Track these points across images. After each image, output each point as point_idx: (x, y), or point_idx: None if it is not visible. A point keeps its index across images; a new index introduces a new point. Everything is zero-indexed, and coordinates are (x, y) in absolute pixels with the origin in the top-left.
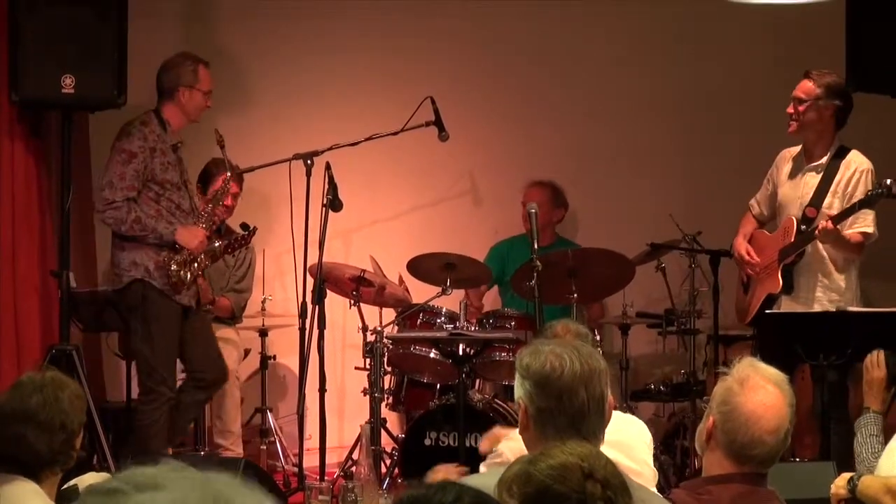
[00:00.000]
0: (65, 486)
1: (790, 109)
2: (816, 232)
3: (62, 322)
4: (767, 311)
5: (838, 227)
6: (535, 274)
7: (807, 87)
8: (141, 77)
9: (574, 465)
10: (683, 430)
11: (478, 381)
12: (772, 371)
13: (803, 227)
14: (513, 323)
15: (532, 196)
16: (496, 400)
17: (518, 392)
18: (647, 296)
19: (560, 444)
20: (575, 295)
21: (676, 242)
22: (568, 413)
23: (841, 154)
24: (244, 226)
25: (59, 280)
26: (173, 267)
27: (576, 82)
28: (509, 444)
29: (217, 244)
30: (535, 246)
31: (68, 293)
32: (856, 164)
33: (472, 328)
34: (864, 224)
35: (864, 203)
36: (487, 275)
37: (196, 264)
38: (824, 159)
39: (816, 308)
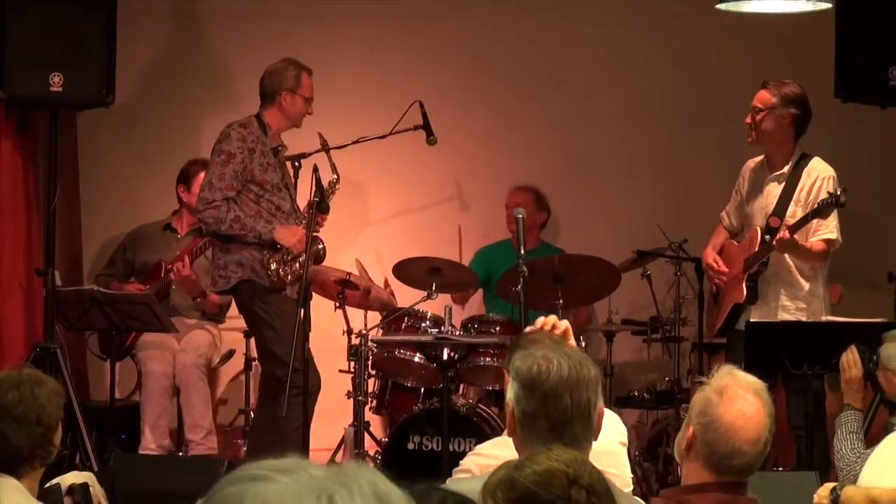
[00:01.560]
0: (47, 486)
1: (748, 120)
2: (774, 242)
3: (47, 320)
4: (751, 321)
5: (798, 235)
6: (521, 279)
7: (763, 97)
8: (129, 76)
9: (559, 472)
10: (667, 437)
11: (462, 385)
12: (751, 380)
13: (767, 236)
14: (497, 328)
15: (516, 200)
16: (480, 405)
17: (508, 394)
18: (632, 303)
19: (546, 450)
20: (560, 301)
21: (662, 250)
22: (550, 417)
23: (803, 162)
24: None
25: (45, 278)
26: (272, 266)
27: (564, 90)
28: (476, 460)
29: (321, 246)
30: (522, 251)
31: (53, 292)
32: (817, 172)
33: (457, 333)
34: (826, 231)
35: (815, 213)
36: (473, 279)
37: (297, 264)
38: (786, 168)
39: (785, 317)
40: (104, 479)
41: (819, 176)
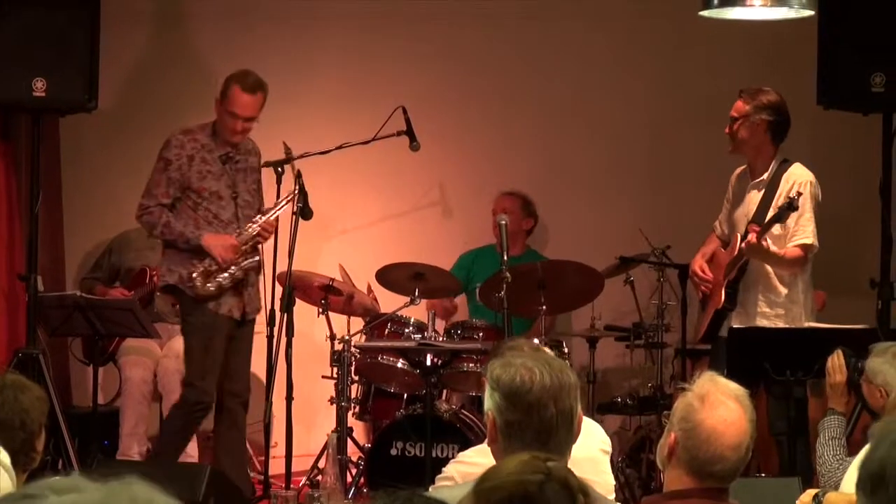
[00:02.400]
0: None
1: (727, 130)
2: (742, 247)
3: (29, 326)
4: (734, 327)
5: (776, 240)
6: (504, 285)
7: (738, 106)
8: (112, 81)
9: (529, 458)
10: (649, 443)
11: (445, 391)
12: (732, 386)
13: (742, 243)
14: (481, 334)
15: (502, 205)
16: (463, 410)
17: (487, 404)
18: (615, 309)
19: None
20: (544, 307)
21: (645, 256)
22: (536, 427)
23: (782, 168)
24: None
25: (27, 284)
26: (194, 274)
27: (547, 96)
28: (458, 467)
29: (257, 258)
30: (505, 257)
31: (36, 297)
32: (794, 178)
33: (440, 338)
34: (802, 237)
35: (775, 218)
36: (456, 285)
37: (227, 274)
38: (765, 175)
39: (764, 323)
40: None
41: (797, 181)
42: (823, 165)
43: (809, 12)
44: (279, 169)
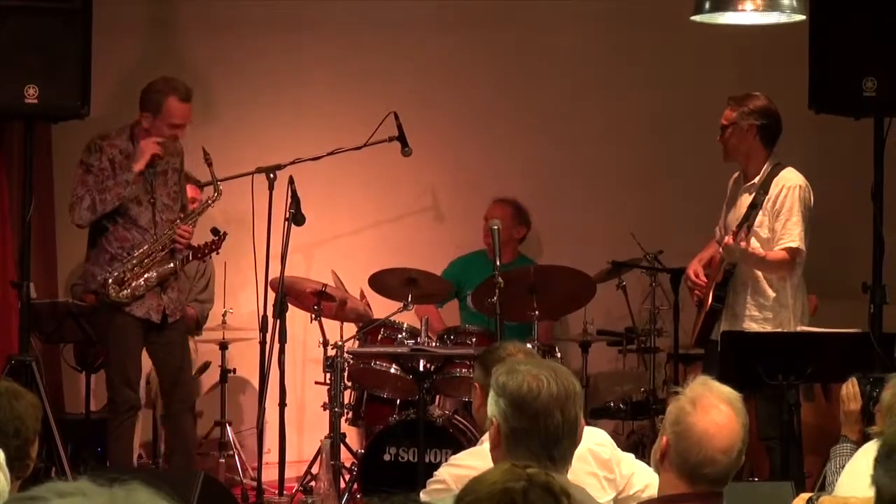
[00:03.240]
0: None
1: (718, 139)
2: (720, 249)
3: (22, 333)
4: (726, 330)
5: (763, 242)
6: (496, 290)
7: (726, 114)
8: (104, 88)
9: (508, 467)
10: (642, 448)
11: (438, 397)
12: (725, 390)
13: None
14: (474, 339)
15: (494, 213)
16: (456, 416)
17: (491, 409)
18: (607, 313)
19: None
20: (536, 312)
21: (637, 261)
22: (542, 435)
23: (774, 172)
24: (214, 230)
25: (20, 291)
26: (109, 280)
27: (539, 101)
28: (451, 470)
29: (171, 265)
30: (498, 262)
31: (28, 304)
32: (783, 182)
33: (433, 344)
34: (788, 240)
35: (744, 219)
36: (449, 290)
37: (141, 281)
38: (756, 179)
39: (752, 326)
40: None
41: (785, 185)
42: (816, 169)
43: (801, 17)
44: (271, 175)
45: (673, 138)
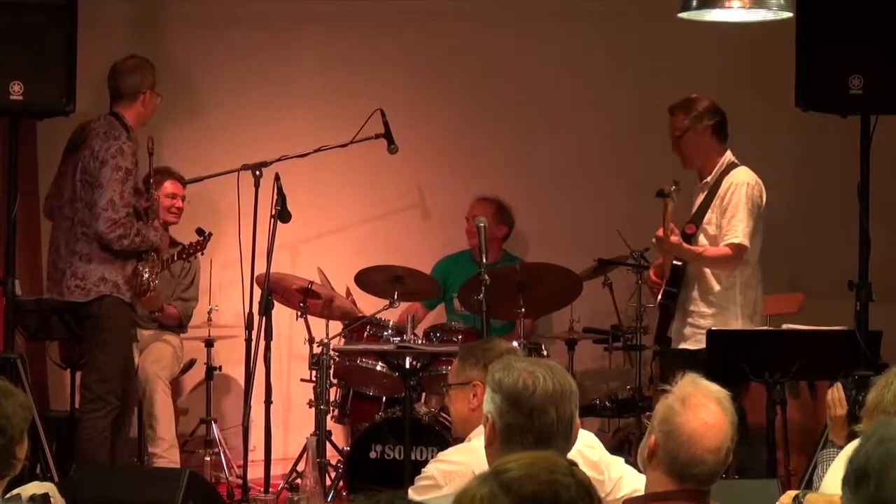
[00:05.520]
0: (7, 496)
1: (673, 150)
2: (652, 242)
3: (7, 330)
4: (713, 329)
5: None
6: (482, 288)
7: (675, 124)
8: (89, 85)
9: (551, 455)
10: (629, 445)
11: (424, 394)
12: (714, 388)
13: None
14: (460, 336)
15: (475, 211)
16: (442, 413)
17: (487, 406)
18: (593, 311)
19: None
20: (522, 310)
21: (623, 258)
22: (536, 432)
23: (728, 170)
24: (199, 231)
25: (5, 288)
26: (146, 275)
27: (525, 99)
28: (439, 466)
29: (166, 256)
30: (484, 259)
31: (13, 301)
32: (732, 179)
33: (419, 341)
34: (732, 236)
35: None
36: (435, 288)
37: (157, 271)
38: (710, 178)
39: (699, 322)
40: (65, 491)
41: (734, 182)
42: (802, 168)
43: (788, 14)
44: (257, 172)
45: (660, 136)
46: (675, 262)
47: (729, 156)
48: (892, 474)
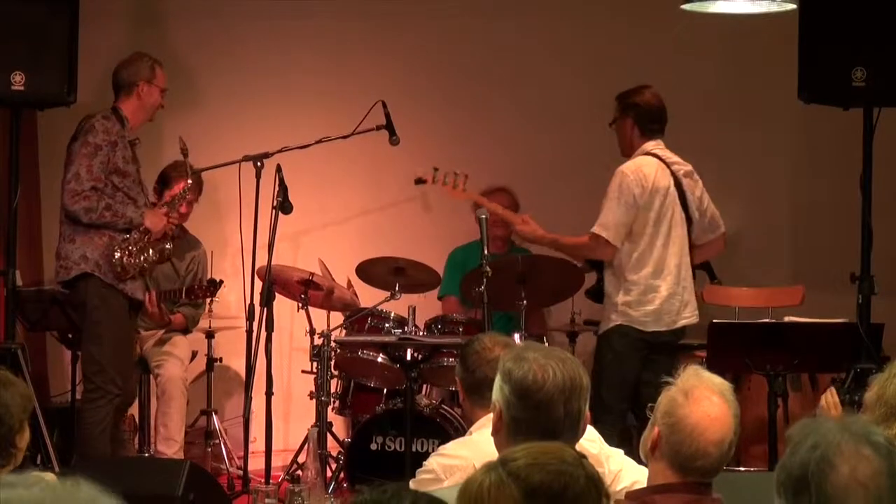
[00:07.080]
0: None
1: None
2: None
3: (7, 320)
4: (715, 321)
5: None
6: (484, 280)
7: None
8: (90, 76)
9: (552, 445)
10: (630, 437)
11: (425, 386)
12: (717, 380)
13: None
14: (461, 328)
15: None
16: (443, 405)
17: (496, 394)
18: (595, 304)
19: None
20: (524, 302)
21: None
22: (543, 426)
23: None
24: (212, 281)
25: (6, 278)
26: (116, 255)
27: (527, 90)
28: (439, 460)
29: (168, 245)
30: (486, 251)
31: (14, 292)
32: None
33: (420, 333)
34: (595, 224)
35: None
36: (436, 280)
37: (143, 256)
38: None
39: (612, 316)
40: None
41: (616, 171)
42: (804, 159)
43: (791, 6)
44: (258, 163)
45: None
46: None
47: (647, 147)
48: (831, 479)
